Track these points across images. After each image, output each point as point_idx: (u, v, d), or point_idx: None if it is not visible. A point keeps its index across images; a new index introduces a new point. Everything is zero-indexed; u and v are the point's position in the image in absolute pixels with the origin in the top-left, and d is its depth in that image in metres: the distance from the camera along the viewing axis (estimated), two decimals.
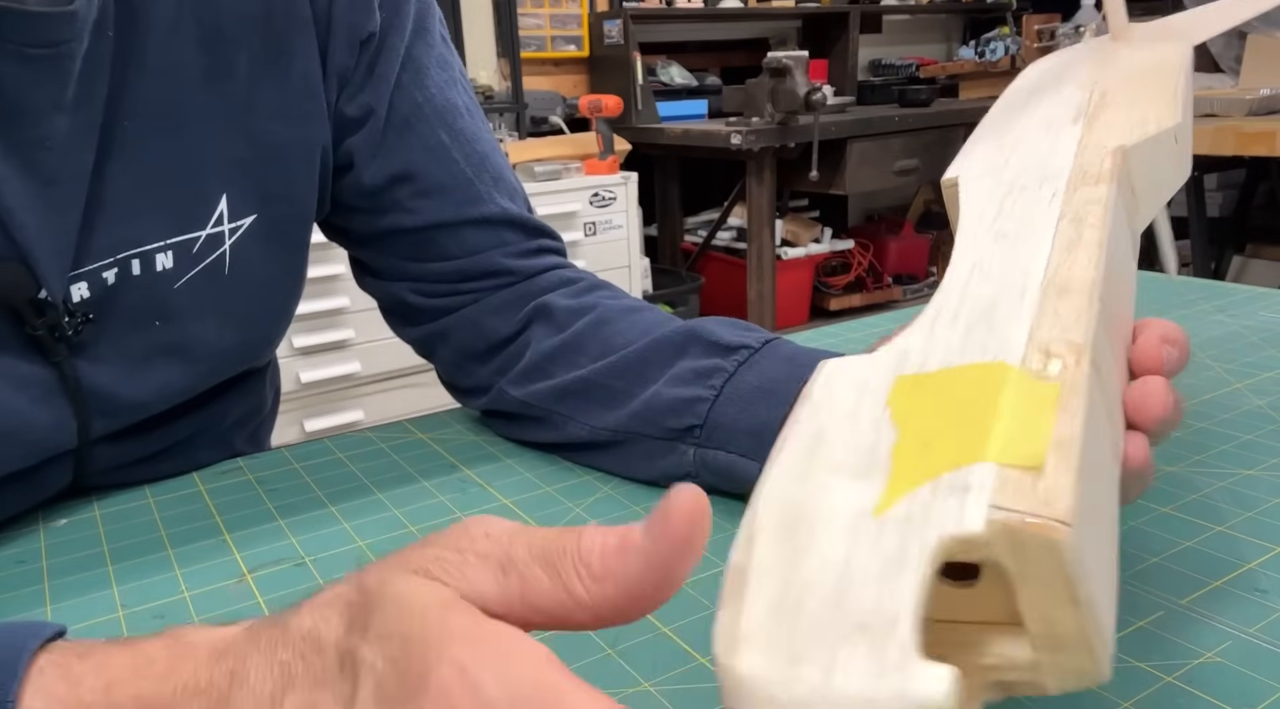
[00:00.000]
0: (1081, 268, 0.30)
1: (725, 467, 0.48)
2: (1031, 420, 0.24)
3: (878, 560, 0.21)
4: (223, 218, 0.53)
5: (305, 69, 0.54)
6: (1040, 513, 0.21)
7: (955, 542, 0.21)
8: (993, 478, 0.22)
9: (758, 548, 0.23)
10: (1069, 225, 0.33)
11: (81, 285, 0.48)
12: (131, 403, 0.53)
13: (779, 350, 0.50)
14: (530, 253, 0.62)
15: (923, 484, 0.23)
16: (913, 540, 0.22)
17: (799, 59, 2.49)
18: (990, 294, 0.30)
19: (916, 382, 0.27)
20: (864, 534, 0.22)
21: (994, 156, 0.40)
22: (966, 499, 0.22)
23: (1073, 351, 0.27)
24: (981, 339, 0.28)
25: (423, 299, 0.61)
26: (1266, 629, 0.36)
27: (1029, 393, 0.25)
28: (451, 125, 0.59)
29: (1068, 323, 0.28)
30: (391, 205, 0.59)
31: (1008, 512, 0.21)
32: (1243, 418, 0.57)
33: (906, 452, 0.24)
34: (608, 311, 0.57)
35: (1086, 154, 0.37)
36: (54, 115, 0.44)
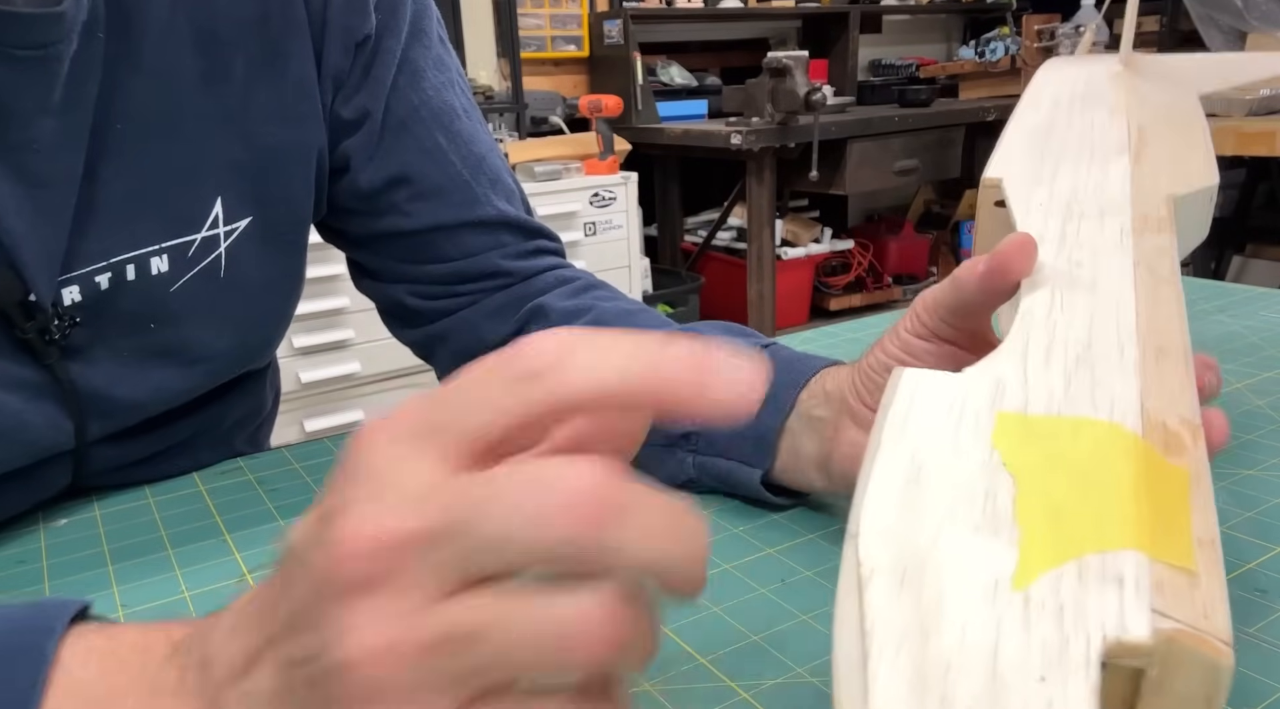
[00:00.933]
0: (1173, 329, 0.30)
1: (725, 473, 0.49)
2: (1169, 509, 0.23)
3: (1035, 653, 0.19)
4: (218, 220, 0.53)
5: (300, 72, 0.54)
6: (1202, 628, 0.20)
7: (1119, 646, 0.20)
8: (1147, 574, 0.21)
9: (873, 596, 0.21)
10: (1145, 274, 0.33)
11: (73, 289, 0.48)
12: (128, 405, 0.53)
13: (776, 356, 0.50)
14: (528, 254, 0.62)
15: (1066, 561, 0.21)
16: (1074, 636, 0.20)
17: (799, 59, 2.49)
18: (1083, 338, 0.29)
19: (1023, 423, 0.26)
20: (1008, 613, 0.20)
21: (1037, 166, 0.40)
22: (1124, 595, 0.20)
23: (1188, 430, 0.26)
24: (1088, 390, 0.27)
25: (420, 301, 0.61)
26: (1266, 629, 0.36)
27: (1159, 474, 0.24)
28: (448, 127, 0.59)
29: (1174, 393, 0.27)
30: (388, 208, 0.59)
31: (1172, 621, 0.20)
32: (1243, 418, 0.57)
33: (1033, 512, 0.22)
34: (604, 314, 0.57)
35: (1142, 194, 0.37)
36: (41, 118, 0.44)
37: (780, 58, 2.49)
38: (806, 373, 0.48)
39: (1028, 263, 0.35)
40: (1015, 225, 0.37)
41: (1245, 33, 2.47)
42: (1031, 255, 0.35)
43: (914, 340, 0.41)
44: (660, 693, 0.35)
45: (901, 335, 0.41)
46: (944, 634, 0.20)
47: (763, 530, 0.47)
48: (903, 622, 0.20)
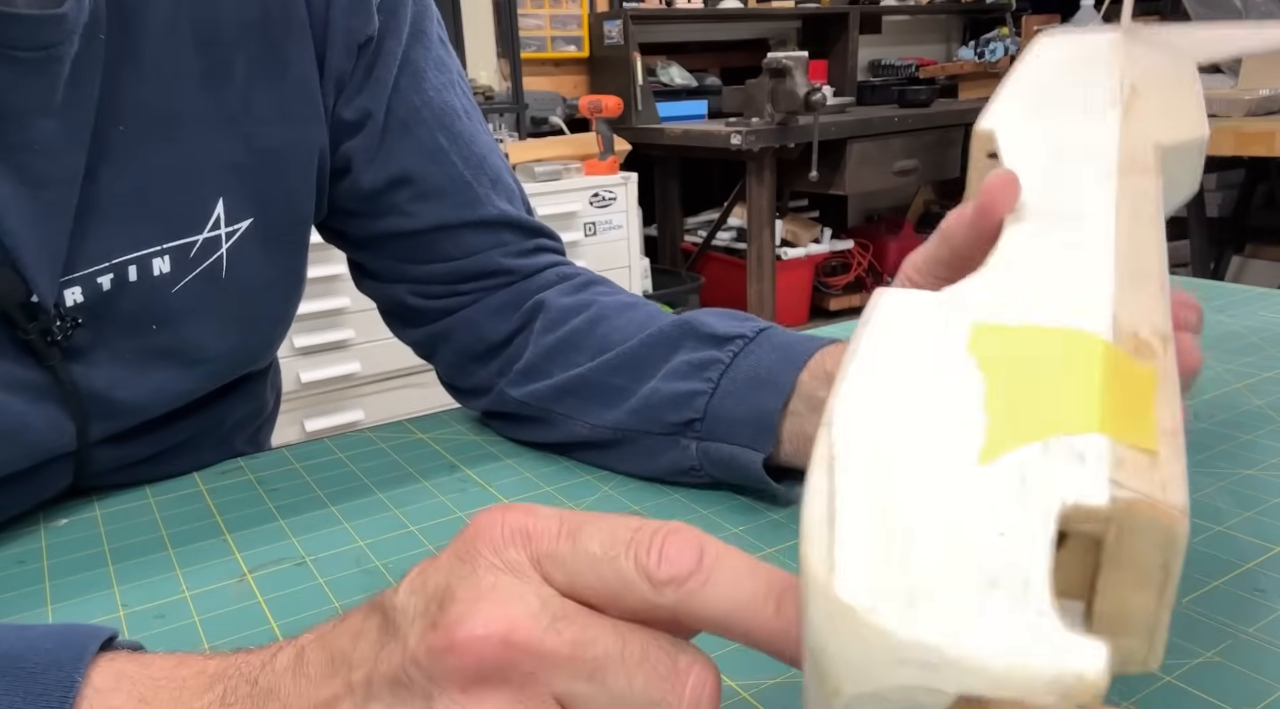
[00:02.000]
0: (1151, 258, 0.30)
1: (727, 458, 0.49)
2: (1135, 403, 0.24)
3: (996, 516, 0.20)
4: (219, 221, 0.53)
5: (302, 73, 0.54)
6: (1159, 498, 0.21)
7: (1077, 510, 0.20)
8: (1108, 452, 0.21)
9: (843, 477, 0.21)
10: (1127, 214, 0.33)
11: (75, 290, 0.48)
12: (130, 406, 0.53)
13: (773, 338, 0.50)
14: (528, 252, 0.62)
15: (1030, 443, 0.22)
16: (1034, 502, 0.20)
17: (799, 59, 2.49)
18: (1058, 261, 0.30)
19: (997, 332, 0.26)
20: (972, 484, 0.21)
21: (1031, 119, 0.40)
22: (1084, 469, 0.21)
23: (1159, 339, 0.26)
24: (1062, 304, 0.27)
25: (422, 301, 0.61)
26: (1266, 629, 0.36)
27: (1128, 374, 0.25)
28: (449, 128, 0.59)
29: (1147, 307, 0.28)
30: (390, 208, 0.59)
31: (1129, 491, 0.21)
32: (1243, 418, 0.57)
33: (1001, 404, 0.23)
34: (604, 308, 0.57)
35: (1131, 140, 0.37)
36: (43, 119, 0.44)
37: (780, 58, 2.49)
38: (805, 354, 0.48)
39: (1011, 198, 0.34)
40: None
41: None
42: (1014, 190, 0.34)
43: None
44: None
45: None
46: (910, 502, 0.21)
47: (763, 530, 0.47)
48: (868, 493, 0.21)
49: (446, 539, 0.47)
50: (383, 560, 0.46)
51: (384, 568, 0.45)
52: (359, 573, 0.45)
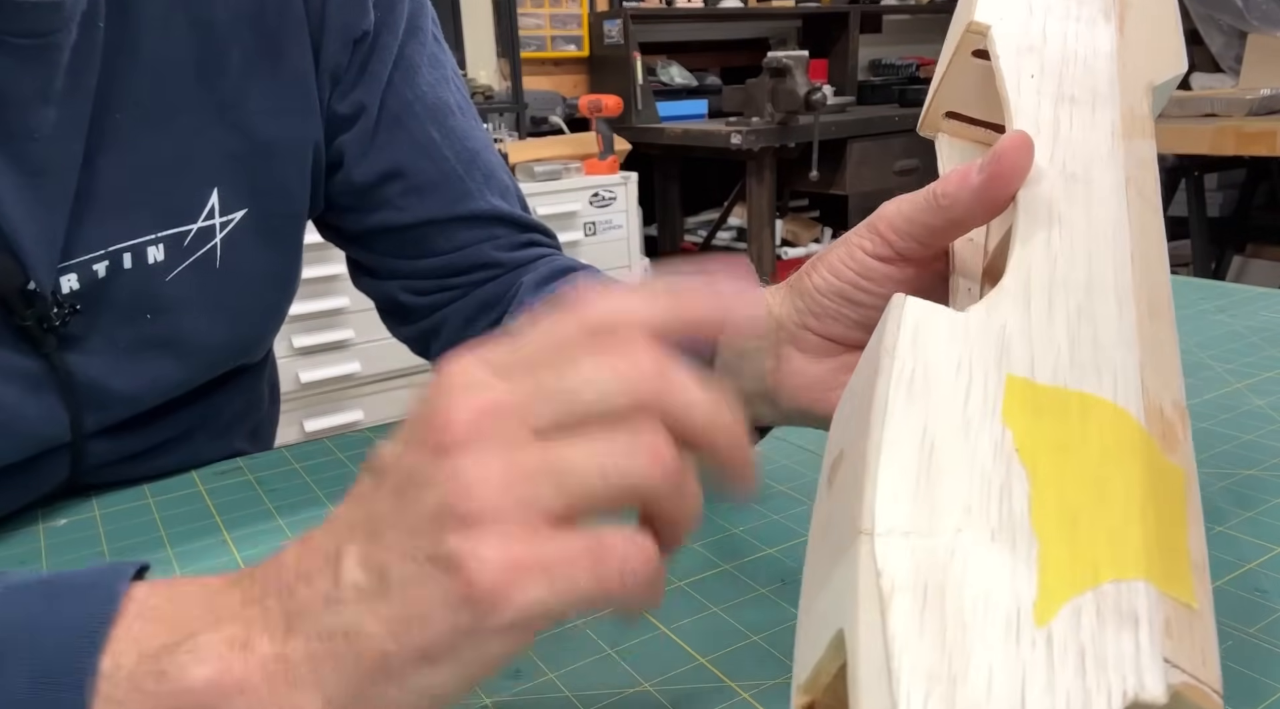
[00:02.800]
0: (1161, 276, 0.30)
1: None
2: (1171, 523, 0.23)
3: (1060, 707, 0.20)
4: (214, 212, 0.53)
5: (298, 66, 0.54)
6: (1201, 678, 0.21)
7: (1137, 705, 0.20)
8: (1159, 613, 0.21)
9: (896, 623, 0.20)
10: (1134, 194, 0.32)
11: (71, 277, 0.48)
12: (123, 396, 0.53)
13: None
14: (520, 246, 0.62)
15: (1084, 590, 0.21)
16: (1097, 693, 0.20)
17: (799, 59, 2.49)
18: (1082, 280, 0.29)
19: (1032, 394, 0.25)
20: (1034, 658, 0.20)
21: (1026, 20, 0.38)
22: (1139, 640, 0.21)
23: (1181, 418, 0.26)
24: (1091, 357, 0.26)
25: (414, 297, 0.61)
26: (1266, 629, 0.36)
27: (1161, 477, 0.24)
28: (443, 123, 0.59)
29: (1168, 368, 0.27)
30: (382, 202, 0.59)
31: (1179, 673, 0.21)
32: (1243, 418, 0.57)
33: (1048, 517, 0.23)
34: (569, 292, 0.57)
35: (1127, 79, 0.36)
36: (42, 106, 0.44)
37: (780, 58, 2.49)
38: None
39: (1026, 166, 0.32)
40: (1006, 98, 0.35)
41: (1245, 33, 2.47)
42: (1030, 156, 0.32)
43: (873, 263, 0.38)
44: (660, 693, 0.35)
45: (857, 256, 0.38)
46: (971, 679, 0.20)
47: (763, 530, 0.47)
48: (930, 662, 0.20)
49: None
50: None
51: None
52: None
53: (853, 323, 0.39)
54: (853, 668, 0.20)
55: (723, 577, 0.42)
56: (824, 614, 0.23)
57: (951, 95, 0.40)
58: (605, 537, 0.24)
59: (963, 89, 0.40)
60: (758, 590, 0.41)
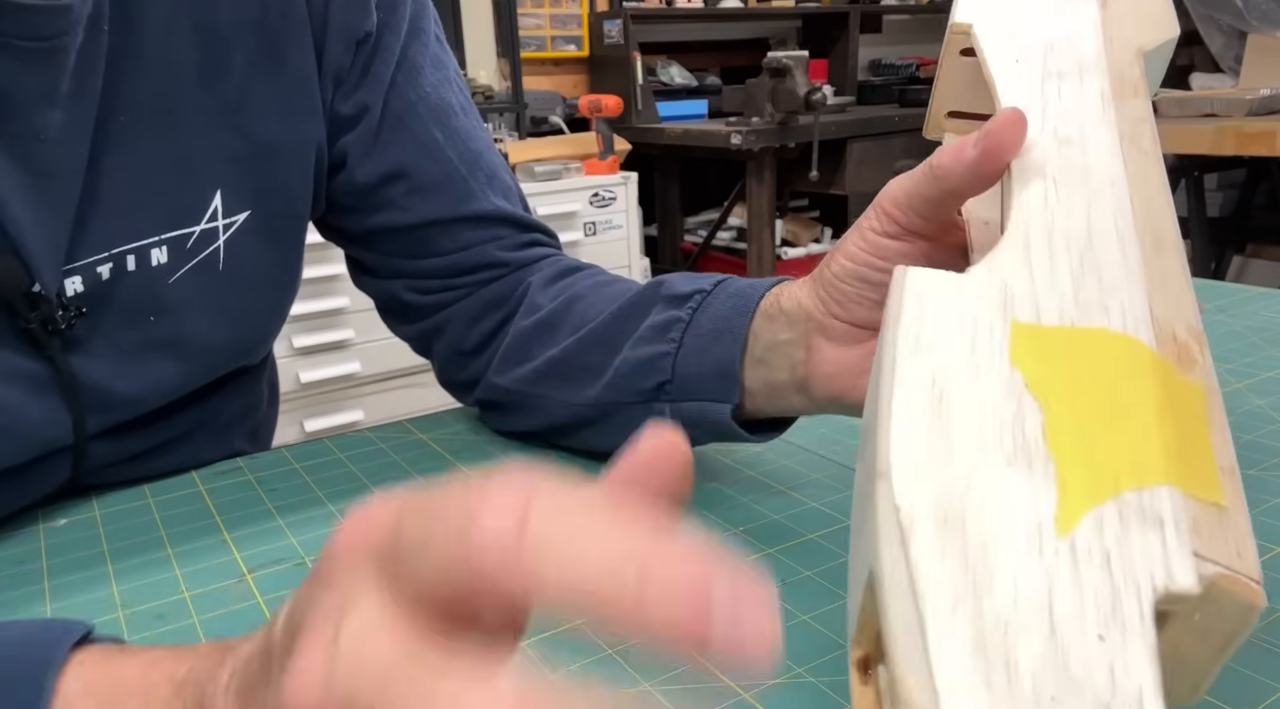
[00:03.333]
0: (1165, 216, 0.30)
1: (697, 414, 0.48)
2: (1192, 433, 0.24)
3: (1090, 607, 0.20)
4: (217, 214, 0.53)
5: (301, 68, 0.54)
6: (1237, 569, 0.21)
7: (1168, 596, 0.20)
8: (1185, 513, 0.21)
9: (919, 551, 0.20)
10: (1132, 150, 0.32)
11: (75, 279, 0.48)
12: (126, 398, 0.53)
13: (728, 287, 0.49)
14: (523, 246, 0.62)
15: (1105, 500, 0.21)
16: (1124, 588, 0.20)
17: (799, 59, 2.49)
18: (1082, 231, 0.29)
19: (1039, 335, 0.25)
20: (1057, 563, 0.20)
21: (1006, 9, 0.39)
22: (1166, 539, 0.21)
23: (1195, 339, 0.26)
24: (1097, 295, 0.27)
25: (417, 296, 0.61)
26: (1267, 629, 0.36)
27: (1178, 393, 0.24)
28: (445, 124, 0.59)
29: (1178, 296, 0.27)
30: (385, 203, 0.59)
31: (1211, 565, 0.21)
32: (1243, 418, 0.57)
33: (1063, 440, 0.23)
34: (581, 290, 0.57)
35: (1114, 50, 0.36)
36: (48, 109, 0.44)
37: (780, 58, 2.49)
38: (755, 296, 0.47)
39: (1020, 140, 0.32)
40: (993, 85, 0.36)
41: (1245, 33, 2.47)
42: (1022, 130, 0.32)
43: (884, 241, 0.39)
44: (660, 693, 0.35)
45: (869, 237, 0.39)
46: (996, 591, 0.20)
47: (763, 530, 0.47)
48: (953, 578, 0.20)
49: None
50: None
51: None
52: None
53: (874, 304, 0.41)
54: (882, 603, 0.20)
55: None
56: (860, 564, 0.23)
57: (949, 95, 0.41)
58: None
59: (959, 87, 0.40)
60: None
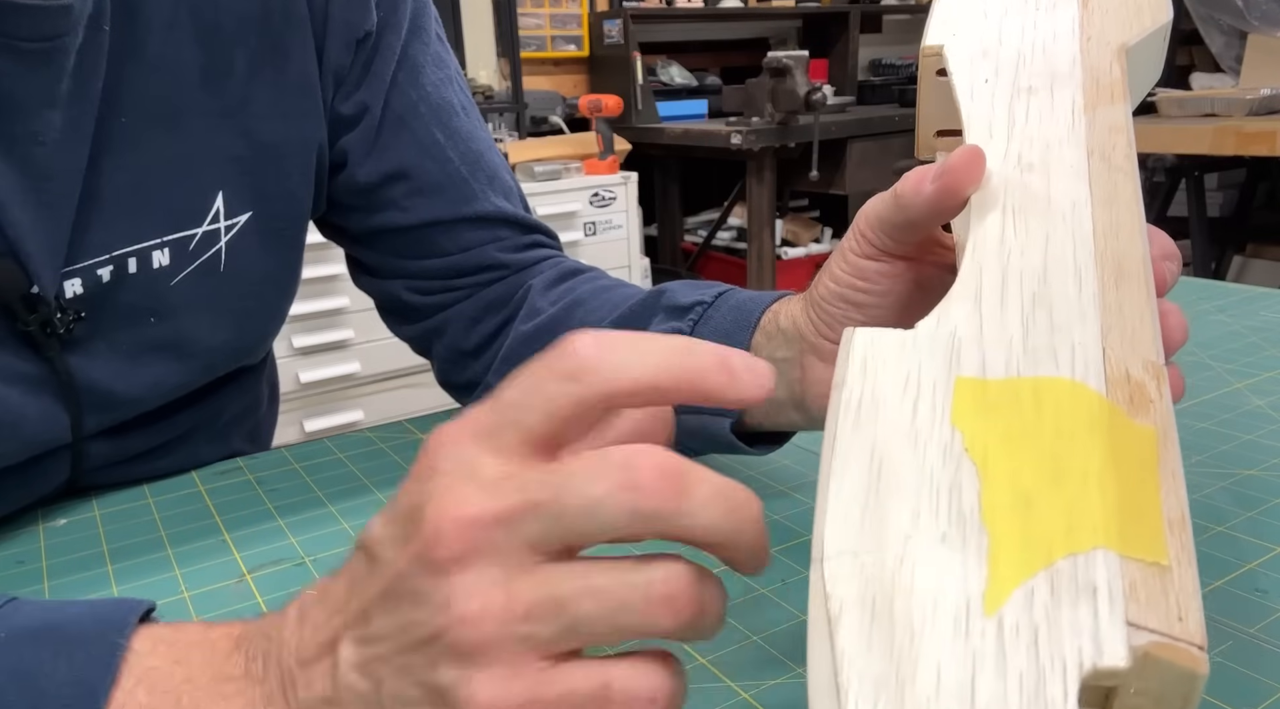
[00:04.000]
0: (1131, 238, 0.28)
1: (697, 428, 0.47)
2: (1138, 486, 0.22)
3: (1013, 691, 0.19)
4: (219, 215, 0.53)
5: (302, 68, 0.54)
6: (1177, 635, 0.19)
7: (1096, 673, 0.19)
8: (1120, 580, 0.20)
9: (844, 640, 0.20)
10: (1100, 165, 0.31)
11: (75, 282, 0.48)
12: (125, 399, 0.53)
13: (730, 300, 0.49)
14: (524, 247, 0.62)
15: (1036, 571, 0.21)
16: (1050, 668, 0.19)
17: (799, 59, 2.49)
18: (1038, 266, 0.28)
19: (982, 391, 0.25)
20: (983, 646, 0.20)
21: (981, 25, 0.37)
22: (1098, 609, 0.20)
23: (1155, 375, 0.25)
24: (1047, 338, 0.26)
25: (418, 297, 0.61)
26: (1266, 629, 0.36)
27: (1126, 441, 0.23)
28: (446, 124, 0.59)
29: (1136, 328, 0.26)
30: (386, 203, 0.59)
31: (1146, 633, 0.19)
32: (1243, 418, 0.57)
33: (999, 507, 0.22)
34: (582, 295, 0.57)
35: (1092, 51, 0.35)
36: (48, 111, 0.44)
37: (780, 58, 2.49)
38: (756, 312, 0.47)
39: (977, 177, 0.32)
40: (961, 112, 0.35)
41: (1245, 33, 2.47)
42: (980, 168, 0.32)
43: (863, 262, 0.39)
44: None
45: (849, 259, 0.40)
46: (919, 679, 0.19)
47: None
48: (877, 670, 0.20)
49: None
50: None
51: None
52: None
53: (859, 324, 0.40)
54: (810, 696, 0.20)
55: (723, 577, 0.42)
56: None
57: (933, 115, 0.40)
58: (613, 677, 0.23)
59: (941, 106, 0.39)
60: (758, 591, 0.41)
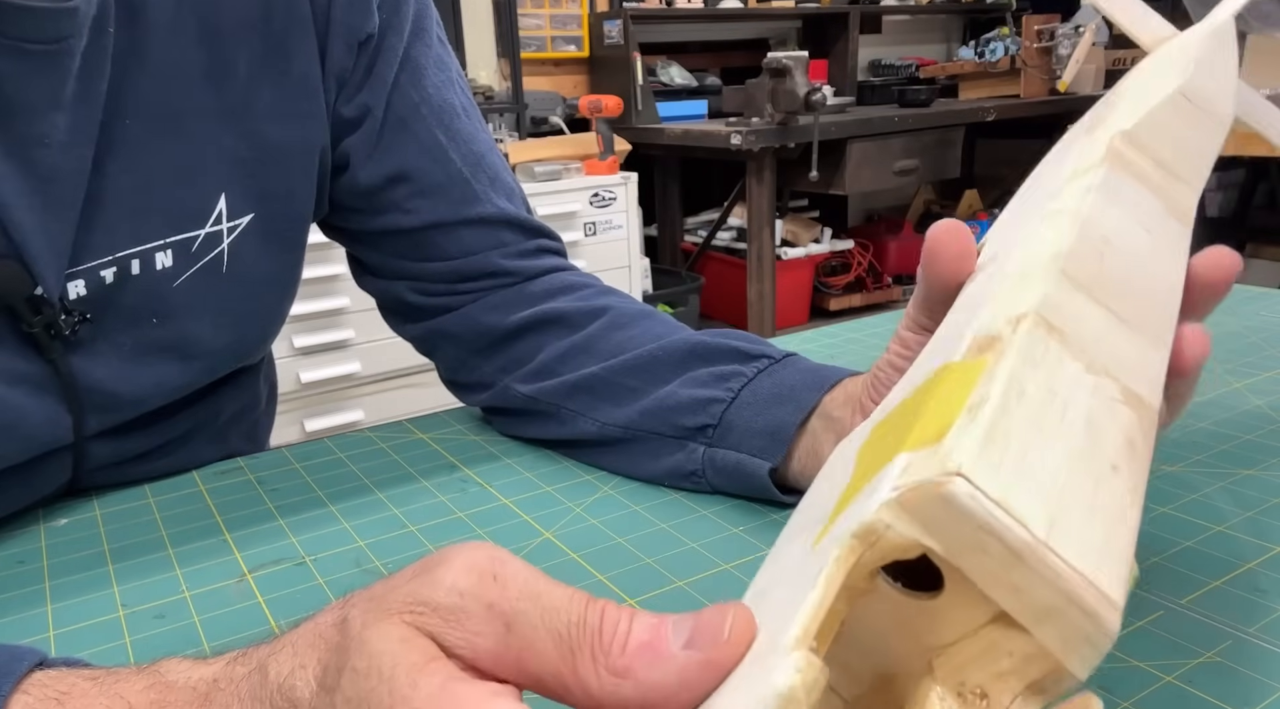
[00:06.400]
0: (1045, 243, 0.28)
1: (733, 465, 0.49)
2: (951, 400, 0.22)
3: (802, 585, 0.20)
4: (221, 216, 0.53)
5: (304, 69, 0.54)
6: (930, 476, 0.19)
7: (858, 538, 0.19)
8: (900, 466, 0.20)
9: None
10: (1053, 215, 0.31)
11: (78, 283, 0.48)
12: (127, 400, 0.53)
13: (798, 363, 0.51)
14: (529, 253, 0.62)
15: (848, 506, 0.22)
16: (829, 552, 0.20)
17: (799, 59, 2.49)
18: (965, 307, 0.29)
19: (882, 423, 0.26)
20: (802, 569, 0.21)
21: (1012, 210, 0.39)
22: (874, 496, 0.20)
23: (1011, 324, 0.24)
24: (942, 349, 0.26)
25: (422, 298, 0.61)
26: (1266, 629, 0.36)
27: (959, 377, 0.23)
28: (448, 126, 0.59)
29: (1016, 299, 0.26)
30: (388, 205, 0.59)
31: (904, 487, 0.19)
32: (1243, 418, 0.57)
33: (851, 489, 0.23)
34: (620, 315, 0.58)
35: (1086, 151, 0.36)
36: (53, 113, 0.44)
37: (780, 58, 2.49)
38: (831, 378, 0.49)
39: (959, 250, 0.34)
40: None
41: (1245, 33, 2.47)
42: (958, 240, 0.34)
43: (907, 334, 0.41)
44: None
45: (900, 334, 0.42)
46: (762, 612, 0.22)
47: (763, 530, 0.47)
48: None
49: (446, 539, 0.47)
50: (383, 560, 0.46)
51: (384, 568, 0.45)
52: (359, 573, 0.45)
53: None
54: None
55: (723, 576, 0.43)
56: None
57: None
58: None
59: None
60: None
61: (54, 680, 0.27)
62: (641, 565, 0.44)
